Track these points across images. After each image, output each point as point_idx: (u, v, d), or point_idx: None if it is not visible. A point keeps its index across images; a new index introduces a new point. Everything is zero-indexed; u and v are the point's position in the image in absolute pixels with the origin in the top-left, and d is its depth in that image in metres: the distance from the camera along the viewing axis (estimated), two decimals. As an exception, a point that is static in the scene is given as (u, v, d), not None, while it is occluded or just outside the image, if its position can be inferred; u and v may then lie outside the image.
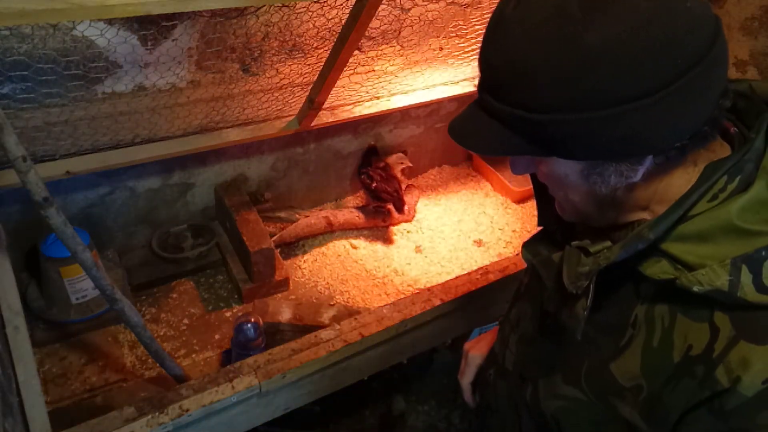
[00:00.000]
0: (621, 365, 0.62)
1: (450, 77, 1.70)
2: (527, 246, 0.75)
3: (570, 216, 0.68)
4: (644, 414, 0.60)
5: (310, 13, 1.16)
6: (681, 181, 0.58)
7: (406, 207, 1.82)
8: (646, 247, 0.57)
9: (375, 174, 1.79)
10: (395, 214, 1.80)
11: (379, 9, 1.05)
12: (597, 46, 0.48)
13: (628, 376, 0.61)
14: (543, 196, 0.74)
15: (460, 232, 1.84)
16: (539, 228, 0.79)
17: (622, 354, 0.62)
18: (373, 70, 1.47)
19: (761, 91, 0.61)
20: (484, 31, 0.59)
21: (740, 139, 0.60)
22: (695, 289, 0.53)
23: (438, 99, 1.70)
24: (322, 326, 1.29)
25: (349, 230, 1.80)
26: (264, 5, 1.14)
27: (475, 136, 0.59)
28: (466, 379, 1.02)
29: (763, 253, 0.52)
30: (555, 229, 0.74)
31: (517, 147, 0.57)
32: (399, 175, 1.84)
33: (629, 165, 0.56)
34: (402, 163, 1.87)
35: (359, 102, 1.58)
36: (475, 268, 1.45)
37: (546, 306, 0.70)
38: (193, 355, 1.37)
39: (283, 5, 1.13)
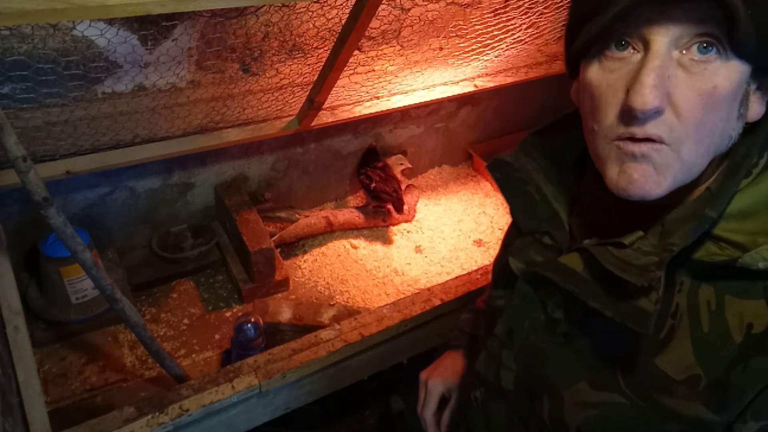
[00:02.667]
0: (669, 358, 0.58)
1: (450, 77, 1.70)
2: (516, 255, 0.71)
3: (661, 183, 0.54)
4: (710, 403, 0.56)
5: (310, 13, 1.16)
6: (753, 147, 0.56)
7: (405, 207, 1.82)
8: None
9: (374, 174, 1.79)
10: (395, 214, 1.80)
11: (379, 9, 1.05)
12: None
13: (681, 367, 0.57)
14: (519, 197, 0.72)
15: (460, 232, 1.84)
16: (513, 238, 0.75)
17: (666, 347, 0.58)
18: (373, 70, 1.47)
19: None
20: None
21: None
22: (760, 265, 0.51)
23: (438, 99, 1.70)
24: (322, 326, 1.29)
25: (349, 230, 1.80)
26: (264, 5, 1.14)
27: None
28: (429, 410, 0.94)
29: None
30: (543, 233, 0.70)
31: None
32: (399, 175, 1.84)
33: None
34: (402, 164, 1.87)
35: (359, 102, 1.58)
36: (475, 268, 1.45)
37: (553, 313, 0.67)
38: (193, 355, 1.37)
39: (283, 5, 1.13)
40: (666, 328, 0.58)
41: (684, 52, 0.51)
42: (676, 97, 0.51)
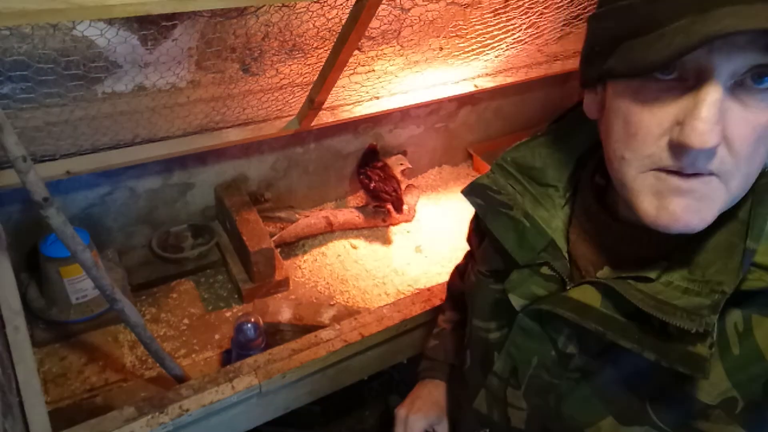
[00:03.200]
0: (701, 385, 0.55)
1: (450, 77, 1.70)
2: (516, 291, 0.66)
3: (705, 217, 0.52)
4: (748, 424, 0.54)
5: (310, 13, 1.16)
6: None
7: (405, 207, 1.82)
8: None
9: (373, 174, 1.79)
10: (394, 213, 1.80)
11: (379, 9, 1.05)
12: None
13: (715, 393, 0.55)
14: (519, 232, 0.67)
15: (460, 232, 1.84)
16: (498, 270, 0.71)
17: None
18: (373, 70, 1.47)
19: None
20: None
21: None
22: None
23: (438, 99, 1.70)
24: (322, 326, 1.29)
25: (349, 230, 1.80)
26: (264, 5, 1.14)
27: None
28: None
29: None
30: (540, 264, 0.66)
31: None
32: (399, 175, 1.84)
33: None
34: (402, 164, 1.87)
35: (359, 102, 1.58)
36: (475, 268, 1.45)
37: (564, 348, 0.63)
38: (193, 355, 1.37)
39: (283, 5, 1.13)
40: None
41: (738, 82, 0.47)
42: (730, 131, 0.47)
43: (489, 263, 0.74)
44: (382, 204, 1.80)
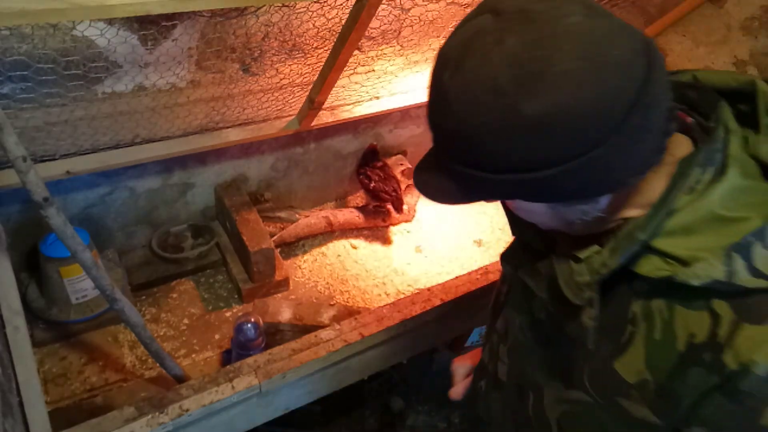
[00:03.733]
0: (625, 362, 0.62)
1: (450, 77, 1.69)
2: (506, 258, 0.76)
3: (547, 229, 0.68)
4: (654, 408, 0.60)
5: (310, 13, 1.16)
6: (655, 183, 0.58)
7: (405, 207, 1.82)
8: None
9: (373, 174, 1.79)
10: (394, 213, 1.80)
11: (379, 9, 1.05)
12: (533, 116, 0.50)
13: (633, 371, 0.61)
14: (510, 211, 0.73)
15: (460, 232, 1.84)
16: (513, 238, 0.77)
17: (625, 351, 0.62)
18: (373, 70, 1.47)
19: (706, 80, 0.63)
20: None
21: (698, 128, 0.61)
22: (694, 283, 0.54)
23: (438, 99, 1.70)
24: (322, 326, 1.29)
25: (349, 230, 1.80)
26: (264, 5, 1.14)
27: (436, 188, 0.62)
28: (456, 393, 1.01)
29: (750, 239, 0.54)
30: (531, 239, 0.72)
31: (480, 195, 0.60)
32: (399, 176, 1.84)
33: (587, 205, 0.59)
34: (402, 164, 1.87)
35: (359, 102, 1.58)
36: (475, 268, 1.45)
37: (538, 314, 0.72)
38: (193, 355, 1.37)
39: (283, 5, 1.13)
40: (627, 333, 0.62)
41: None
42: None
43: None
44: (382, 204, 1.80)
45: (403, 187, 1.94)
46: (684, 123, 0.62)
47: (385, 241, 1.79)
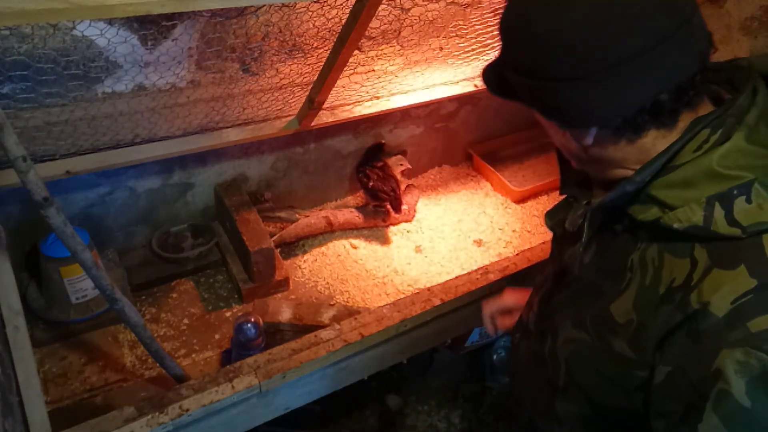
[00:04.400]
0: (619, 305, 0.68)
1: (450, 77, 1.70)
2: (549, 214, 0.86)
3: (576, 166, 0.78)
4: (631, 342, 0.66)
5: (310, 13, 1.16)
6: (657, 142, 0.65)
7: (405, 207, 1.82)
8: (639, 194, 0.65)
9: (372, 173, 1.78)
10: (393, 213, 1.80)
11: (379, 9, 1.05)
12: (540, 33, 0.61)
13: (624, 312, 0.67)
14: (564, 167, 0.82)
15: (460, 232, 1.84)
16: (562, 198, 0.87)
17: (621, 295, 0.68)
18: (373, 70, 1.47)
19: (759, 66, 0.67)
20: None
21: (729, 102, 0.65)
22: (675, 225, 0.61)
23: (438, 99, 1.70)
24: (322, 326, 1.29)
25: (349, 230, 1.80)
26: (264, 5, 1.14)
27: (487, 77, 0.76)
28: (489, 307, 1.13)
29: (735, 192, 0.59)
30: (575, 197, 0.81)
31: (506, 93, 0.73)
32: (399, 176, 1.83)
33: (578, 131, 0.68)
34: (401, 164, 1.87)
35: (359, 102, 1.58)
36: (475, 268, 1.45)
37: (563, 264, 0.80)
38: (193, 355, 1.37)
39: (283, 5, 1.13)
40: (626, 280, 0.68)
41: None
42: None
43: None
44: (381, 203, 1.80)
45: (402, 187, 1.94)
46: (721, 98, 0.68)
47: (385, 241, 1.79)
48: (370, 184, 1.77)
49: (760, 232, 0.58)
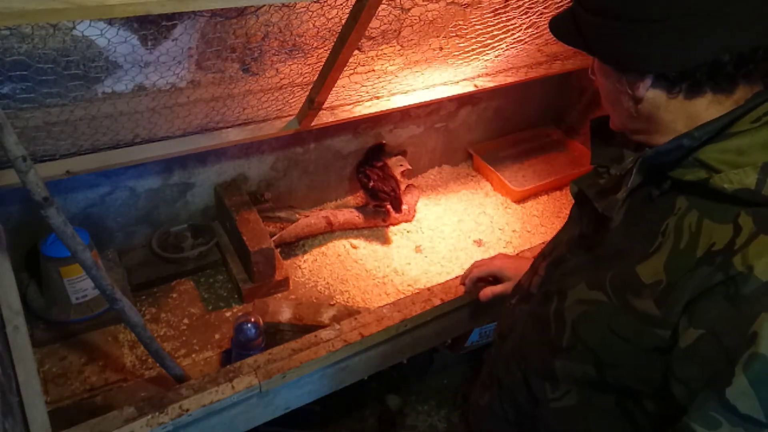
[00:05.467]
0: (647, 266, 0.68)
1: (450, 77, 1.70)
2: (576, 181, 0.85)
3: (615, 125, 0.78)
4: (658, 300, 0.65)
5: (310, 13, 1.16)
6: (711, 107, 0.66)
7: (405, 207, 1.82)
8: (686, 158, 0.66)
9: (372, 173, 1.78)
10: (393, 213, 1.80)
11: (379, 9, 1.05)
12: None
13: (651, 274, 0.67)
14: (596, 137, 0.83)
15: (460, 232, 1.84)
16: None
17: (650, 258, 0.68)
18: (373, 70, 1.47)
19: None
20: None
21: None
22: (726, 186, 0.61)
23: (438, 99, 1.70)
24: (322, 326, 1.29)
25: (349, 230, 1.80)
26: (264, 5, 1.14)
27: (558, 20, 0.76)
28: (478, 270, 1.18)
29: None
30: (607, 167, 0.81)
31: (574, 36, 0.72)
32: (398, 176, 1.83)
33: (632, 78, 0.67)
34: (401, 165, 1.87)
35: (359, 102, 1.58)
36: (475, 268, 1.45)
37: (585, 230, 0.81)
38: (193, 355, 1.37)
39: (283, 5, 1.13)
40: (656, 243, 0.68)
41: None
42: None
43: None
44: (381, 203, 1.80)
45: (402, 187, 1.94)
46: None
47: (385, 241, 1.79)
48: (371, 184, 1.77)
49: None
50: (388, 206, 1.79)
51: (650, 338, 0.66)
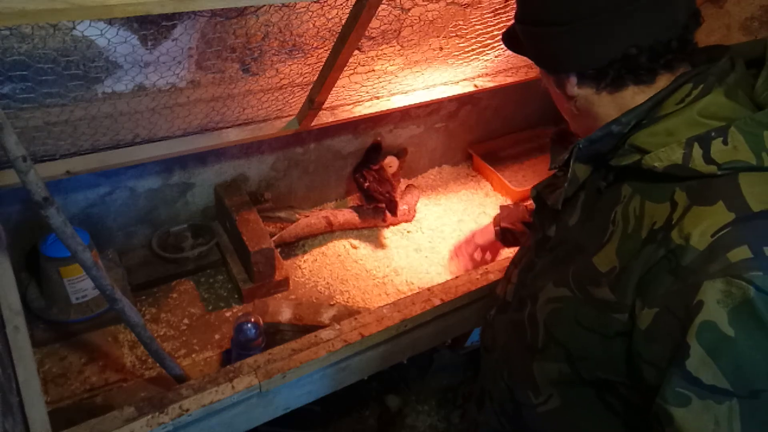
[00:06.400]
0: (601, 256, 0.70)
1: (450, 77, 1.70)
2: (535, 187, 0.89)
3: (571, 128, 0.84)
4: (612, 286, 0.67)
5: (310, 13, 1.16)
6: (636, 97, 0.70)
7: (405, 207, 1.82)
8: (622, 145, 0.70)
9: (369, 175, 1.78)
10: (389, 215, 1.79)
11: (379, 9, 1.05)
12: None
13: (606, 262, 0.69)
14: (555, 145, 0.90)
15: (460, 232, 1.84)
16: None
17: (603, 248, 0.71)
18: (373, 70, 1.47)
19: (736, 50, 0.71)
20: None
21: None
22: (656, 164, 0.64)
23: (438, 99, 1.70)
24: (322, 326, 1.29)
25: (349, 230, 1.80)
26: (264, 5, 1.14)
27: (506, 32, 0.85)
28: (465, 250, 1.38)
29: (713, 134, 0.62)
30: (564, 171, 0.83)
31: (516, 45, 0.80)
32: (391, 177, 1.82)
33: (562, 77, 0.74)
34: (391, 166, 1.86)
35: (359, 102, 1.58)
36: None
37: (547, 231, 0.84)
38: (193, 355, 1.37)
39: (283, 5, 1.13)
40: (608, 233, 0.71)
41: None
42: None
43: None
44: (377, 204, 1.78)
45: (403, 187, 1.94)
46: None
47: (385, 241, 1.79)
48: (366, 184, 1.77)
49: (735, 169, 0.61)
50: (384, 207, 1.78)
51: (611, 324, 0.68)
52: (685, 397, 0.58)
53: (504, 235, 1.43)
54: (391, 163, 1.87)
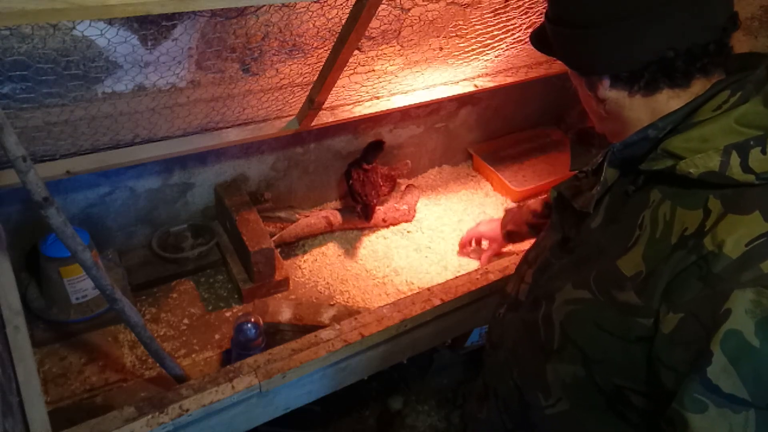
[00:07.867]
0: (627, 260, 0.69)
1: (450, 77, 1.70)
2: (555, 186, 0.88)
3: (598, 129, 0.83)
4: (638, 290, 0.66)
5: (310, 13, 1.16)
6: (671, 101, 0.69)
7: (405, 207, 1.81)
8: (654, 150, 0.68)
9: (355, 173, 1.76)
10: (363, 218, 1.76)
11: (379, 9, 1.05)
12: None
13: (632, 266, 0.68)
14: (575, 146, 0.89)
15: (460, 232, 1.84)
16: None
17: (629, 251, 0.69)
18: (373, 70, 1.47)
19: None
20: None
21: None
22: (691, 170, 0.63)
23: (438, 99, 1.70)
24: (322, 326, 1.29)
25: (349, 230, 1.80)
26: (264, 5, 1.14)
27: (536, 32, 0.84)
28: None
29: (752, 142, 0.62)
30: (585, 172, 0.83)
31: (546, 46, 0.79)
32: (381, 181, 1.80)
33: (592, 80, 0.73)
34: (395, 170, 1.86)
35: (359, 102, 1.58)
36: (475, 268, 1.45)
37: (568, 232, 0.83)
38: (193, 355, 1.37)
39: (283, 5, 1.13)
40: (634, 237, 0.70)
41: None
42: None
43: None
44: (356, 204, 1.76)
45: (403, 187, 1.94)
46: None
47: (386, 241, 1.79)
48: (350, 182, 1.76)
49: None
50: (359, 208, 1.75)
51: (634, 328, 0.67)
52: (702, 404, 0.58)
53: (510, 236, 1.55)
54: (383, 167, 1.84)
